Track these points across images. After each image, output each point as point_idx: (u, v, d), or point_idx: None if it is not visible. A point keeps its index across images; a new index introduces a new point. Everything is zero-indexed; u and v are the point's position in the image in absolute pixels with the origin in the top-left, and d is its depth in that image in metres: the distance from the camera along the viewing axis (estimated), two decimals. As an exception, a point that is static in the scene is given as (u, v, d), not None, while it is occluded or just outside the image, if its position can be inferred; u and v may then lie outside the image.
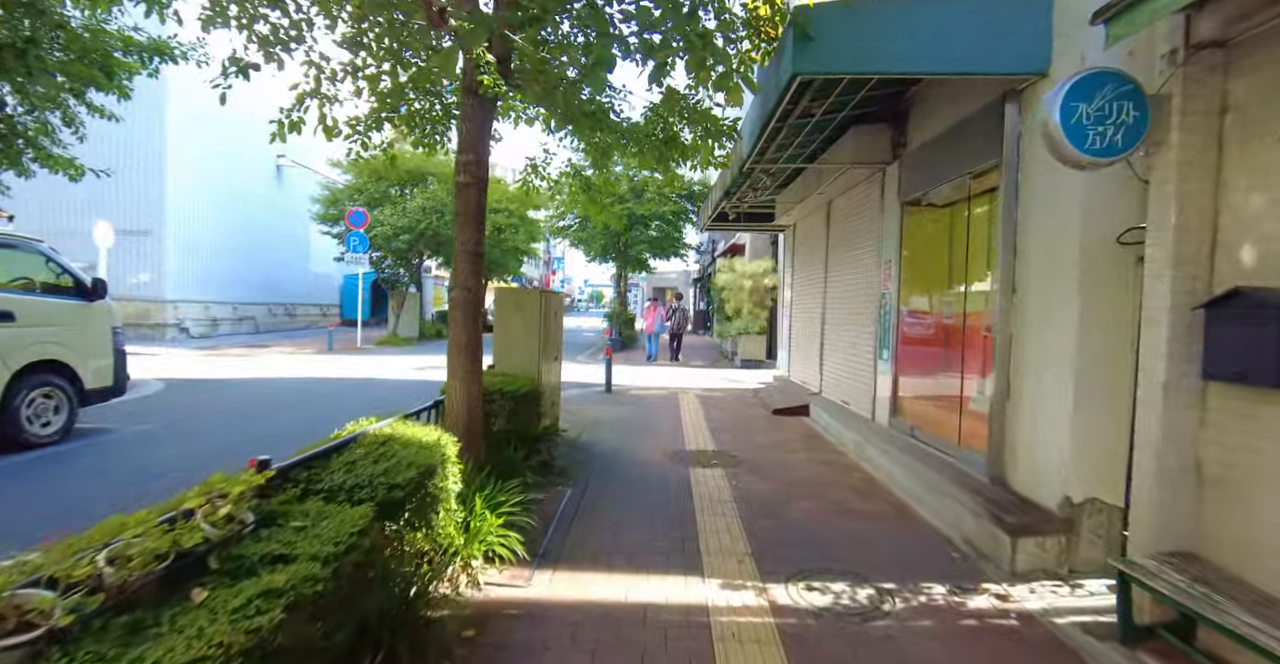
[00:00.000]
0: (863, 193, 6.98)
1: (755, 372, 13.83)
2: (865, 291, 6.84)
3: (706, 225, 10.88)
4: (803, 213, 9.19)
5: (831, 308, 8.07)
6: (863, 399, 6.78)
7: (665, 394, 10.16)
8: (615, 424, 7.57)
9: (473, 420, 3.93)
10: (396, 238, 17.43)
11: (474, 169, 3.88)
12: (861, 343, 6.87)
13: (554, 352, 6.50)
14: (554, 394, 6.59)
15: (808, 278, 9.33)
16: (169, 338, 17.08)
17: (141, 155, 16.61)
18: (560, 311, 6.73)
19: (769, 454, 6.23)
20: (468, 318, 3.91)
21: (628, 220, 17.83)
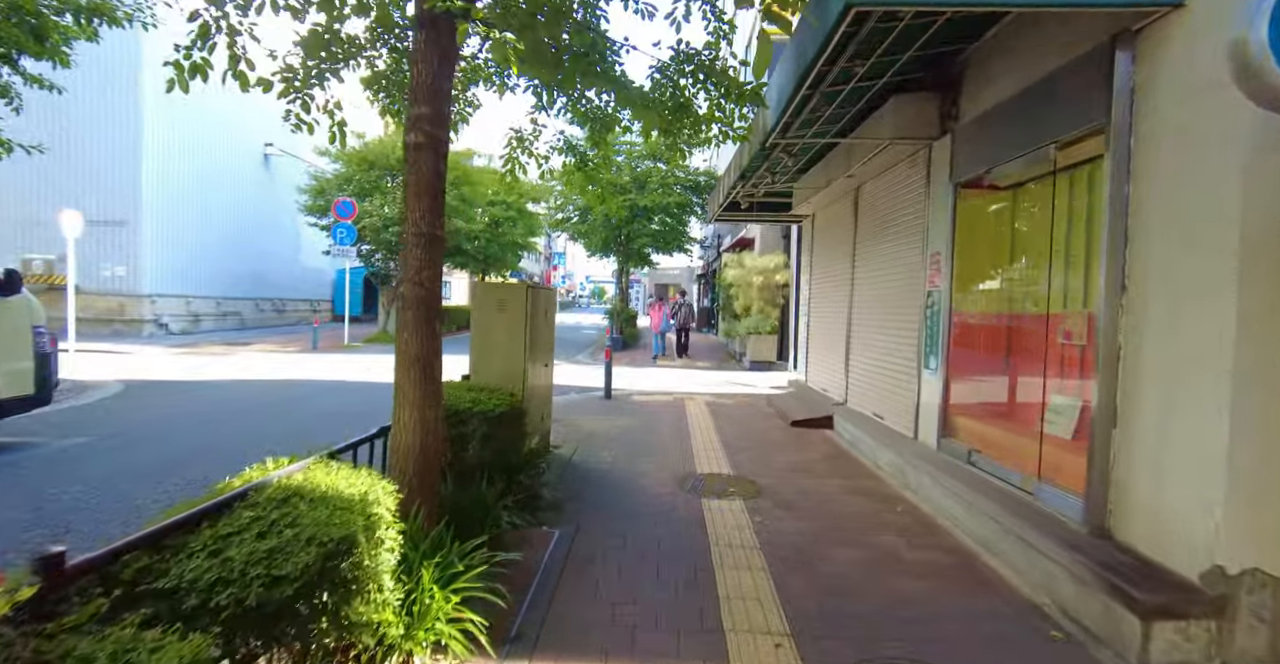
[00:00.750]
0: (902, 175, 6.05)
1: (766, 374, 12.91)
2: (905, 289, 5.92)
3: (716, 216, 9.96)
4: (825, 201, 8.26)
5: (860, 307, 7.15)
6: (901, 413, 5.86)
7: (670, 401, 9.26)
8: (615, 439, 6.66)
9: (427, 459, 3.03)
10: (386, 229, 16.52)
11: (428, 125, 2.97)
12: (900, 348, 5.96)
13: (544, 357, 5.60)
14: (544, 406, 5.69)
15: (830, 273, 8.41)
16: (146, 334, 16.21)
17: (114, 139, 15.70)
18: (552, 310, 5.83)
19: (793, 480, 5.32)
20: (421, 322, 3.00)
21: (629, 212, 16.90)
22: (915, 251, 5.72)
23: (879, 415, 6.44)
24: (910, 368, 5.70)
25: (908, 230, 5.91)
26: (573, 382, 11.17)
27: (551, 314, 5.82)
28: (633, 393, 10.02)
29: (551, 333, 5.86)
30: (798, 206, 9.01)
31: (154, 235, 16.45)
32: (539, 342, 5.30)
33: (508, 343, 4.92)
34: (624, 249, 18.95)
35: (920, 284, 5.56)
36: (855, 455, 6.22)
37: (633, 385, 10.98)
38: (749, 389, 10.88)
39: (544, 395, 5.69)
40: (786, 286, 13.58)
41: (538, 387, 5.37)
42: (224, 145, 19.26)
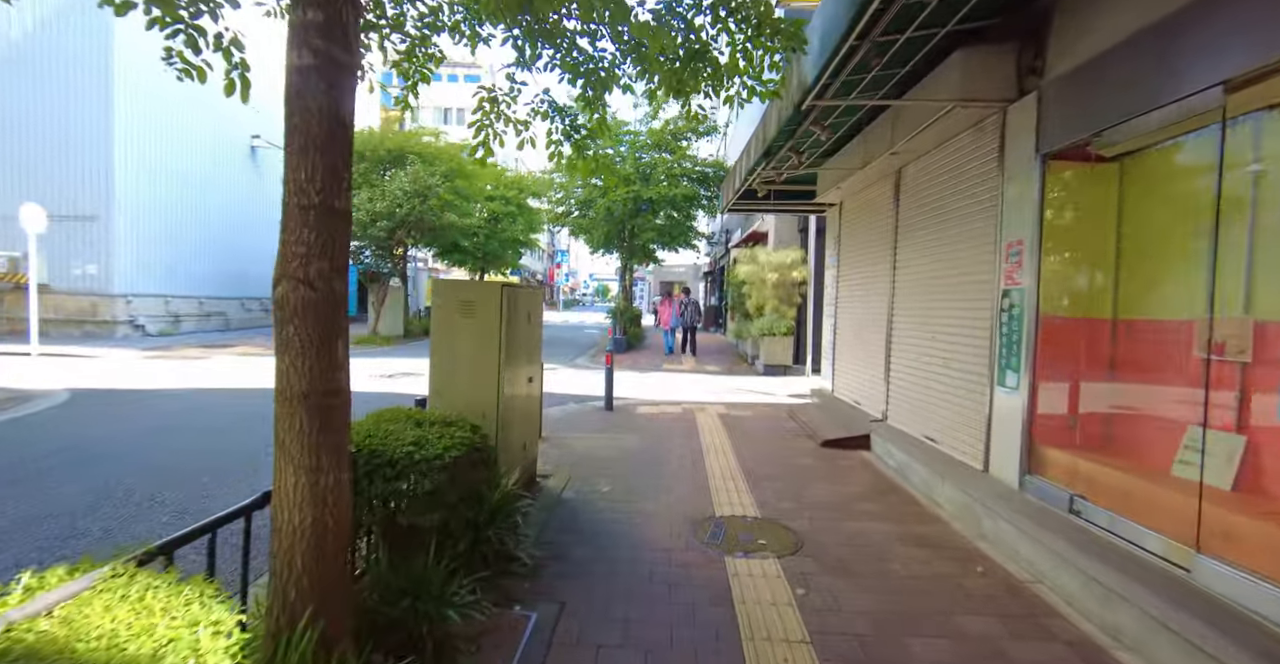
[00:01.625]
0: (963, 149, 4.98)
1: (782, 380, 11.86)
2: (967, 287, 4.86)
3: (729, 205, 8.90)
4: (858, 185, 7.19)
5: (905, 308, 6.09)
6: (965, 438, 4.81)
7: (679, 413, 8.21)
8: (615, 465, 5.63)
9: (323, 548, 2.00)
10: (373, 224, 15.52)
11: (320, 39, 1.94)
12: (962, 358, 4.90)
13: (527, 371, 4.56)
14: (528, 432, 4.67)
15: (864, 269, 7.34)
16: (119, 336, 15.26)
17: (83, 128, 14.74)
18: (537, 312, 4.80)
19: (836, 524, 4.27)
20: (311, 342, 1.97)
21: (633, 204, 15.85)
22: (982, 241, 4.65)
23: (931, 438, 5.38)
24: (977, 383, 4.63)
25: (971, 216, 4.84)
26: (571, 389, 10.15)
27: (536, 317, 4.78)
28: (637, 403, 8.98)
29: (536, 341, 4.83)
30: (823, 193, 7.95)
31: (128, 231, 15.49)
32: (518, 353, 4.26)
33: (476, 357, 3.89)
34: (627, 245, 17.90)
35: (990, 280, 4.50)
36: (904, 487, 5.16)
37: (637, 393, 9.95)
38: (766, 398, 9.83)
39: (528, 419, 4.66)
40: (804, 284, 12.52)
41: (518, 410, 4.34)
42: (207, 137, 18.29)
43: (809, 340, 12.31)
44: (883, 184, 6.68)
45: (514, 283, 3.95)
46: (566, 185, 17.12)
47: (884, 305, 6.54)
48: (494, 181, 24.51)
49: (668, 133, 16.36)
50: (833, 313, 8.48)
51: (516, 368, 4.24)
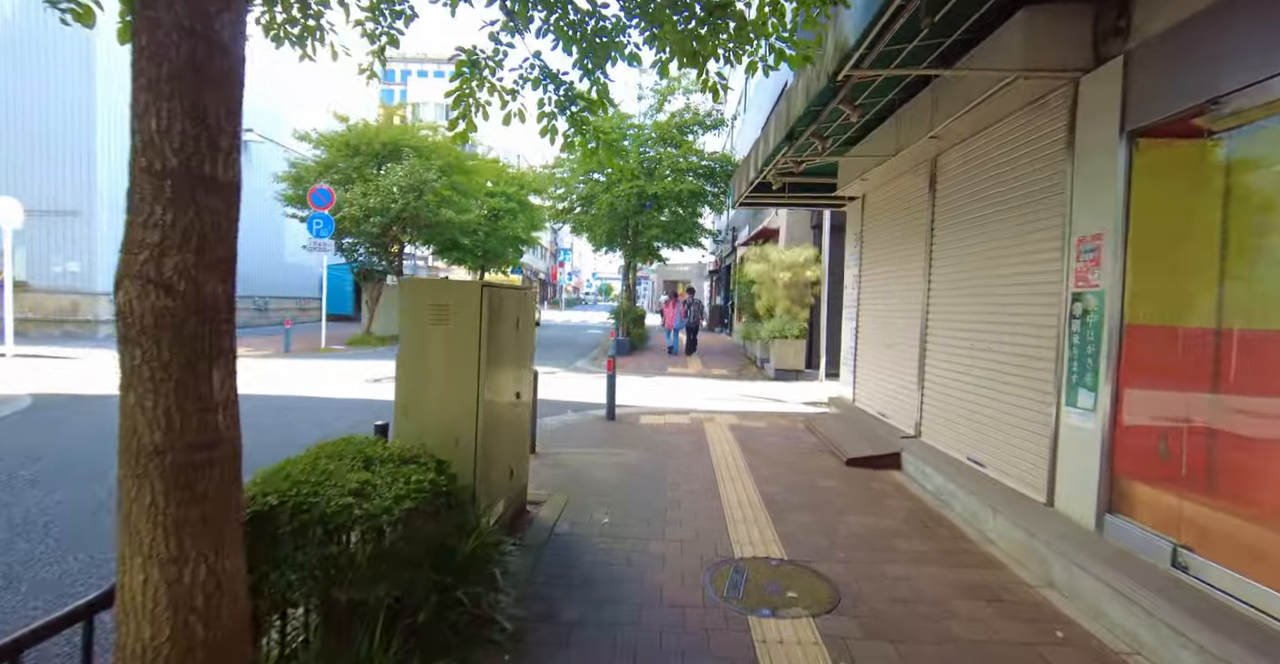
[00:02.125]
0: (1019, 129, 4.33)
1: (794, 386, 11.21)
2: (1025, 289, 4.21)
3: (741, 200, 8.25)
4: (885, 176, 6.54)
5: (943, 312, 5.44)
6: (1022, 465, 4.16)
7: (687, 423, 7.57)
8: (617, 488, 4.99)
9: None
10: (366, 220, 14.89)
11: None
12: (1018, 372, 4.25)
13: (514, 386, 3.93)
14: (516, 453, 4.04)
15: (891, 268, 6.69)
16: (101, 336, 14.68)
17: (64, 120, 14.14)
18: (528, 316, 4.16)
19: (877, 568, 3.63)
20: (167, 366, 1.35)
21: (637, 200, 15.19)
22: (1044, 237, 4.00)
23: (977, 461, 4.73)
24: (1039, 401, 3.98)
25: (1028, 208, 4.19)
26: (570, 395, 9.52)
27: (527, 322, 4.14)
28: (641, 411, 8.34)
29: (527, 350, 4.19)
30: (844, 186, 7.29)
31: (112, 227, 14.89)
32: (504, 366, 3.63)
33: (451, 371, 3.25)
34: (631, 243, 17.25)
35: (1055, 282, 3.85)
36: (948, 518, 4.51)
37: (641, 400, 9.31)
38: (779, 406, 9.18)
39: (516, 441, 4.02)
40: (817, 284, 11.87)
41: (504, 432, 3.71)
42: (197, 130, 17.65)
43: (823, 344, 11.66)
44: (915, 174, 6.02)
45: (498, 283, 3.31)
46: (568, 181, 16.49)
47: (916, 309, 5.89)
48: (494, 178, 23.89)
49: (673, 126, 15.70)
50: (853, 315, 7.83)
51: (501, 383, 3.60)
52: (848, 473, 5.60)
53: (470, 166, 18.42)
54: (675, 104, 16.07)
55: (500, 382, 3.58)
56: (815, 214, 12.26)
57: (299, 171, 16.09)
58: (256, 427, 6.61)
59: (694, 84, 15.86)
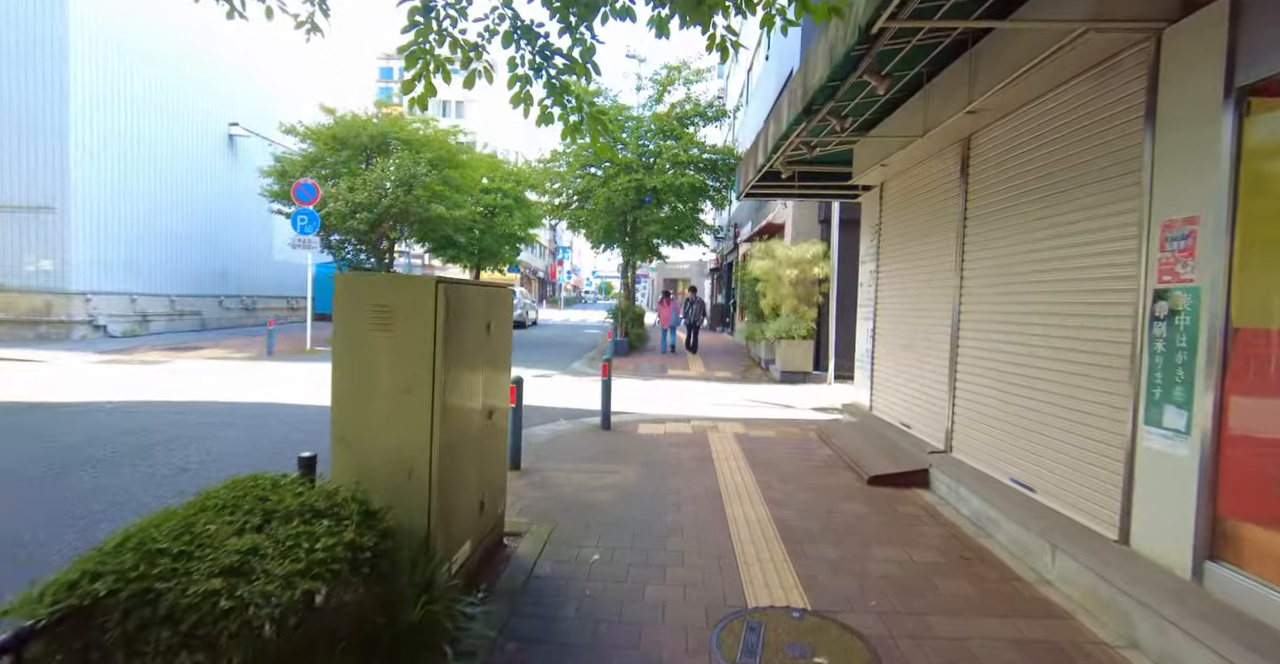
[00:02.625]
0: (1079, 98, 3.70)
1: (801, 389, 10.58)
2: (1087, 284, 3.59)
3: (748, 188, 7.61)
4: (908, 161, 5.91)
5: (979, 311, 4.81)
6: (1088, 493, 3.54)
7: (689, 433, 6.95)
8: (610, 513, 4.36)
9: None
10: (353, 216, 14.27)
11: None
12: (1079, 382, 3.63)
13: (485, 402, 3.30)
14: (488, 480, 3.41)
15: (914, 262, 6.06)
16: (77, 338, 14.06)
17: (35, 112, 13.51)
18: (502, 321, 3.55)
19: (921, 621, 3.00)
20: None
21: (635, 194, 14.56)
22: (1113, 223, 3.38)
23: (1024, 485, 4.11)
24: (1107, 418, 3.36)
25: (1091, 188, 3.57)
26: (564, 401, 8.90)
27: (502, 326, 3.52)
28: (639, 419, 7.72)
29: (502, 359, 3.57)
30: (860, 174, 6.66)
31: (87, 223, 14.27)
32: (469, 380, 3.00)
33: (398, 390, 2.63)
34: (629, 239, 16.61)
35: (1129, 276, 3.22)
36: (991, 551, 3.89)
37: (639, 405, 8.69)
38: (787, 413, 8.55)
39: (488, 466, 3.39)
40: (826, 281, 11.24)
41: (471, 458, 3.08)
42: (179, 125, 17.06)
43: (831, 345, 11.04)
44: (943, 157, 5.40)
45: (459, 279, 2.65)
46: (564, 175, 15.85)
47: (946, 308, 5.26)
48: (489, 173, 23.27)
49: (673, 117, 15.05)
50: (869, 314, 7.20)
51: (467, 399, 2.98)
52: (870, 493, 4.98)
53: (463, 161, 17.80)
54: (675, 95, 15.43)
55: (465, 398, 2.95)
56: (824, 208, 11.63)
57: (284, 166, 15.46)
58: (213, 439, 5.98)
59: (694, 76, 15.23)
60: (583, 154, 15.26)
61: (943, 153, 5.40)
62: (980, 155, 4.84)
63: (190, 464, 5.32)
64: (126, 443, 5.91)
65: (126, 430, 6.40)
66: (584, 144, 15.15)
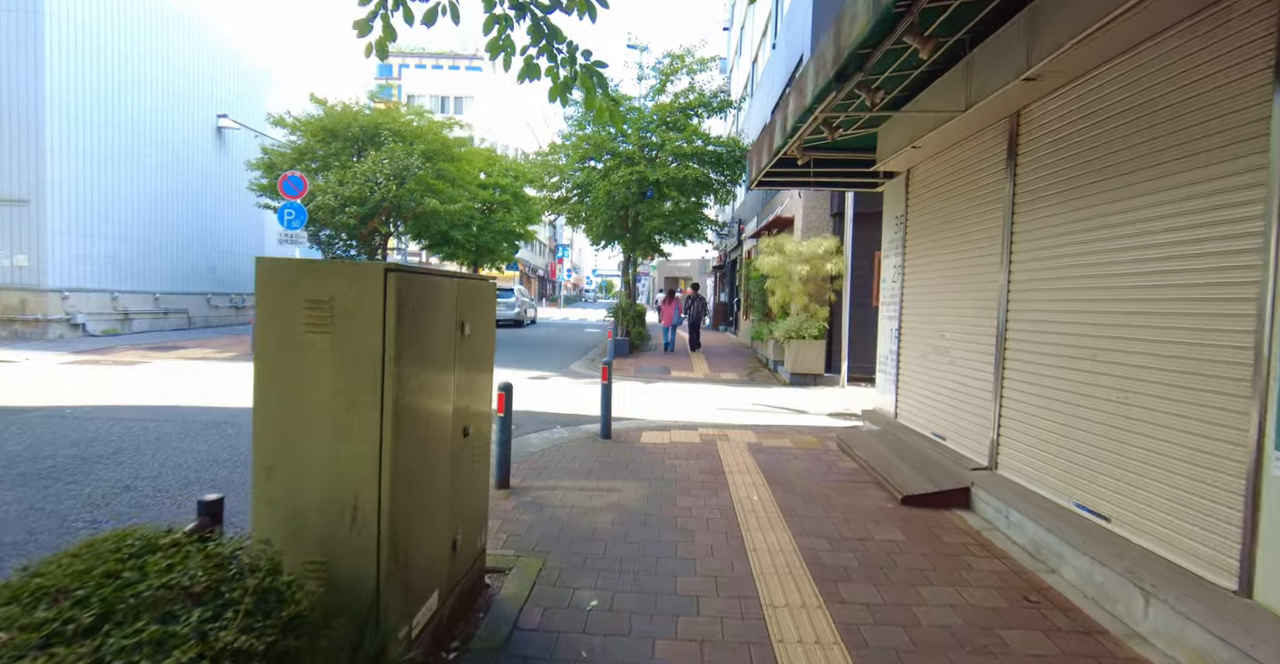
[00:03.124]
0: (1171, 53, 3.10)
1: (813, 392, 9.99)
2: (1183, 276, 3.00)
3: (760, 177, 7.01)
4: (943, 141, 5.31)
5: (1032, 309, 4.21)
6: (1183, 528, 2.95)
7: (697, 443, 6.36)
8: (611, 545, 3.77)
9: None
10: (342, 210, 13.68)
11: None
12: (1174, 393, 3.03)
13: (458, 418, 2.70)
14: (464, 513, 2.82)
15: (951, 255, 5.46)
16: (53, 336, 13.48)
17: (12, 105, 12.91)
18: (487, 317, 2.96)
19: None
20: None
21: (637, 186, 13.96)
22: (1216, 203, 2.78)
23: (1094, 513, 3.51)
24: (1223, 439, 2.76)
25: (1188, 163, 2.97)
26: (562, 406, 8.31)
27: (481, 326, 2.93)
28: (642, 426, 7.13)
29: (482, 363, 2.97)
30: (885, 160, 6.07)
31: (65, 218, 13.68)
32: (438, 389, 2.41)
33: (338, 407, 2.04)
34: (631, 235, 16.01)
35: (1244, 266, 2.63)
36: (1058, 590, 3.30)
37: (642, 410, 8.11)
38: (801, 419, 7.96)
39: (460, 497, 2.78)
40: (839, 278, 10.65)
41: (439, 492, 2.48)
42: (164, 117, 16.47)
43: (844, 345, 10.45)
44: (986, 137, 4.80)
45: (425, 269, 2.02)
46: (563, 168, 15.23)
47: (990, 305, 4.67)
48: (486, 168, 22.70)
49: (676, 108, 14.44)
50: (893, 313, 6.61)
51: (431, 415, 2.39)
52: (906, 516, 4.39)
53: (458, 154, 17.20)
54: (679, 85, 14.83)
55: (429, 412, 2.36)
56: (836, 201, 11.03)
57: (272, 158, 14.87)
58: (170, 450, 5.34)
59: (698, 64, 14.63)
60: (582, 146, 14.65)
61: (984, 132, 4.81)
62: (1034, 131, 4.24)
63: (137, 480, 4.73)
64: (71, 454, 5.32)
65: (77, 439, 5.81)
66: (584, 136, 14.56)
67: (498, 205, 24.06)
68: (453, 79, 45.58)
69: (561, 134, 15.47)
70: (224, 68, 18.71)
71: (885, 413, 6.65)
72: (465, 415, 2.74)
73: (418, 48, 48.95)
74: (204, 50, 17.82)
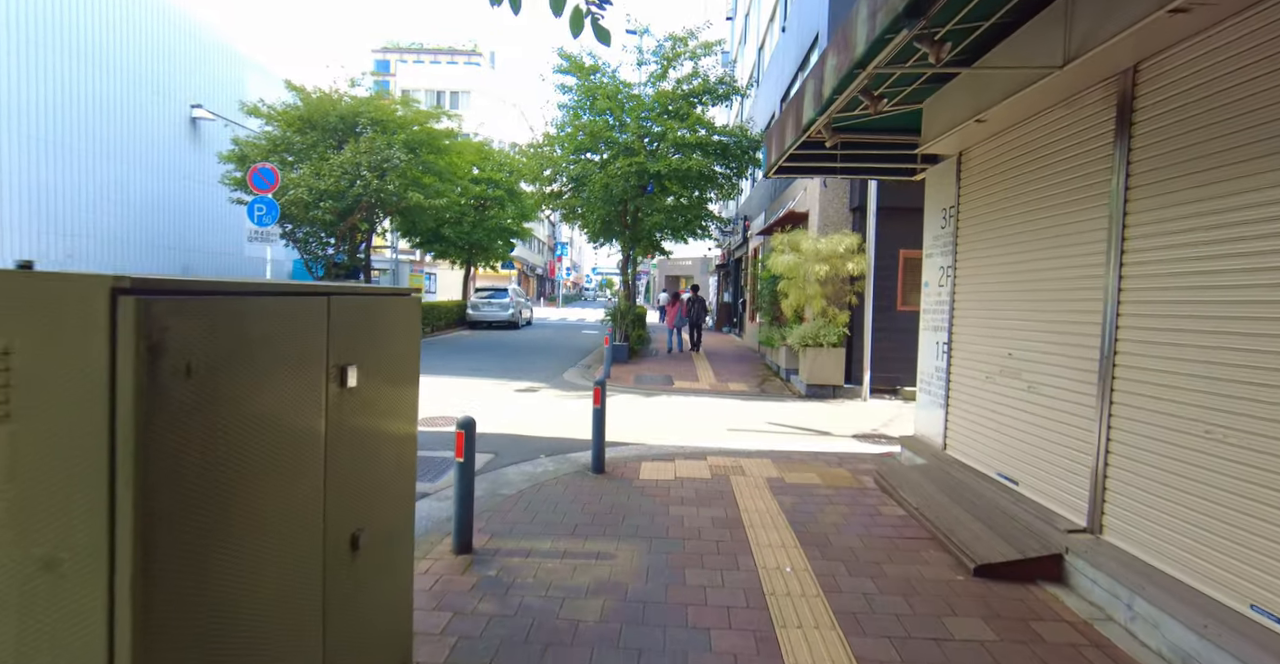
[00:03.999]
0: None
1: (834, 407, 8.96)
2: None
3: (781, 161, 5.95)
4: (1013, 114, 4.27)
5: (1158, 326, 3.17)
6: None
7: (707, 480, 5.33)
8: (594, 652, 2.74)
9: None
10: (316, 205, 12.65)
11: None
12: None
13: (325, 546, 1.66)
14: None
15: (1024, 256, 4.41)
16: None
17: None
18: (399, 359, 1.93)
19: None
20: None
21: (636, 179, 12.91)
22: None
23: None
24: None
25: None
26: (549, 426, 7.28)
27: (385, 370, 1.89)
28: (642, 455, 6.11)
29: (394, 432, 1.94)
30: (932, 140, 5.04)
31: (18, 215, 12.66)
32: (279, 520, 1.36)
33: (20, 574, 0.99)
34: (630, 231, 14.97)
35: None
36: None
37: (641, 430, 7.09)
38: (825, 442, 6.93)
39: (353, 651, 1.75)
40: (860, 280, 9.61)
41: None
42: (132, 107, 15.44)
43: (866, 353, 9.41)
44: (1084, 103, 3.75)
45: (208, 284, 0.89)
46: (558, 160, 14.16)
47: (1088, 318, 3.63)
48: (477, 161, 21.65)
49: (679, 96, 13.36)
50: (941, 322, 5.57)
51: (261, 551, 1.35)
52: (983, 593, 3.35)
53: (445, 146, 16.13)
54: (682, 70, 13.77)
55: (259, 545, 1.33)
56: (855, 194, 9.98)
57: (243, 150, 13.82)
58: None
59: (702, 49, 13.58)
60: (577, 136, 13.59)
61: (1081, 97, 3.76)
62: (1162, 90, 3.19)
63: None
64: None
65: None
66: (580, 124, 13.50)
67: (491, 201, 23.03)
68: (450, 73, 44.54)
69: (555, 123, 14.41)
70: (202, 55, 17.68)
71: (930, 442, 5.62)
72: (351, 518, 1.70)
73: (416, 44, 48.02)
74: (178, 35, 16.78)
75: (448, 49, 47.04)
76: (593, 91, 13.37)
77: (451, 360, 13.35)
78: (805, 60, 12.44)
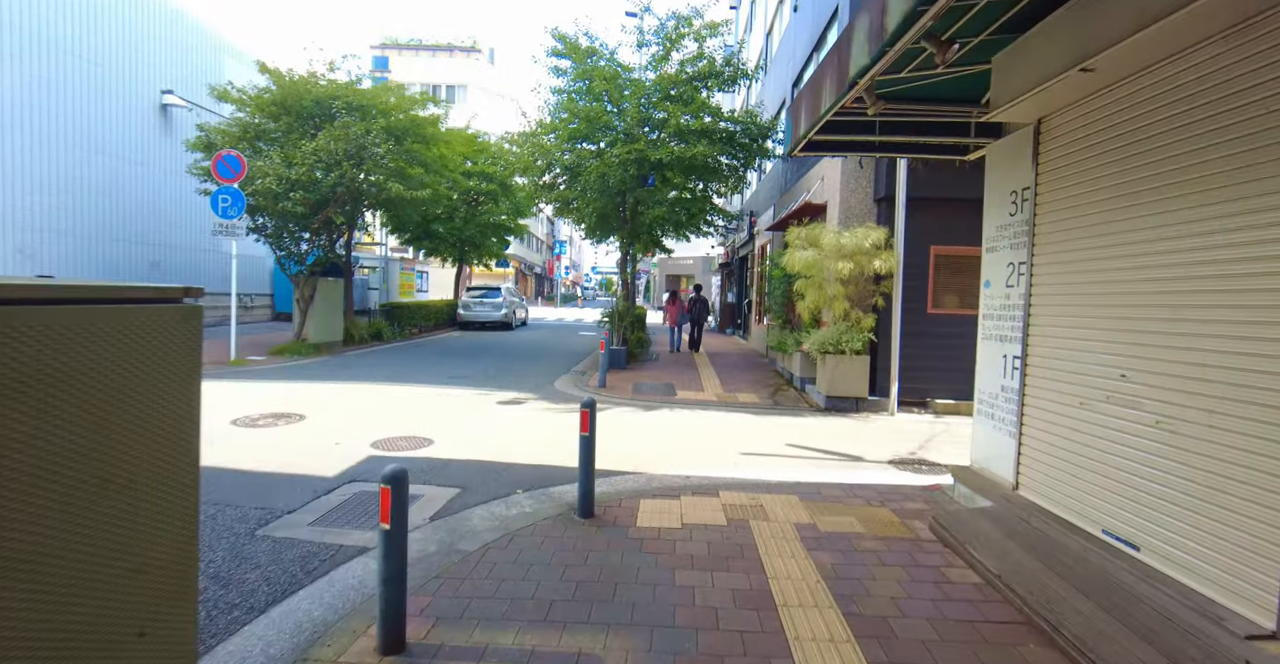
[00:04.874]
0: None
1: (858, 423, 7.90)
2: None
3: (810, 136, 4.88)
4: (1141, 56, 3.22)
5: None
6: None
7: (721, 527, 4.28)
8: None
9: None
10: (286, 196, 11.59)
11: None
12: None
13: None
14: None
15: (1149, 249, 3.37)
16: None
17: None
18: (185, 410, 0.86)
19: None
20: None
21: (635, 169, 11.85)
22: None
23: None
24: None
25: None
26: (529, 451, 6.21)
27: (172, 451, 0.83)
28: (639, 489, 5.06)
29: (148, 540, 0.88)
30: (1005, 106, 3.99)
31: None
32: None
33: None
34: (629, 226, 13.92)
35: None
36: None
37: (639, 455, 6.03)
38: (859, 471, 5.88)
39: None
40: (887, 279, 8.56)
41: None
42: (94, 91, 14.39)
43: (894, 362, 8.37)
44: (1234, 41, 2.70)
45: None
46: (552, 148, 13.08)
47: (1262, 332, 2.58)
48: (468, 153, 20.58)
49: (681, 79, 12.29)
50: (1012, 332, 4.52)
51: None
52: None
53: (431, 134, 15.05)
54: (685, 51, 12.70)
55: None
56: (882, 182, 8.92)
57: (210, 137, 12.76)
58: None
59: (708, 29, 12.51)
60: (571, 124, 12.53)
61: (1237, 33, 2.71)
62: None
63: None
64: None
65: None
66: (575, 110, 12.42)
67: (484, 196, 21.97)
68: (447, 66, 43.41)
69: (549, 107, 13.34)
70: (174, 40, 16.63)
71: (995, 478, 4.57)
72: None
73: (415, 40, 46.97)
74: (151, 21, 15.73)
75: (446, 45, 45.98)
76: (589, 74, 12.31)
77: (433, 365, 12.30)
78: (821, 39, 11.39)
